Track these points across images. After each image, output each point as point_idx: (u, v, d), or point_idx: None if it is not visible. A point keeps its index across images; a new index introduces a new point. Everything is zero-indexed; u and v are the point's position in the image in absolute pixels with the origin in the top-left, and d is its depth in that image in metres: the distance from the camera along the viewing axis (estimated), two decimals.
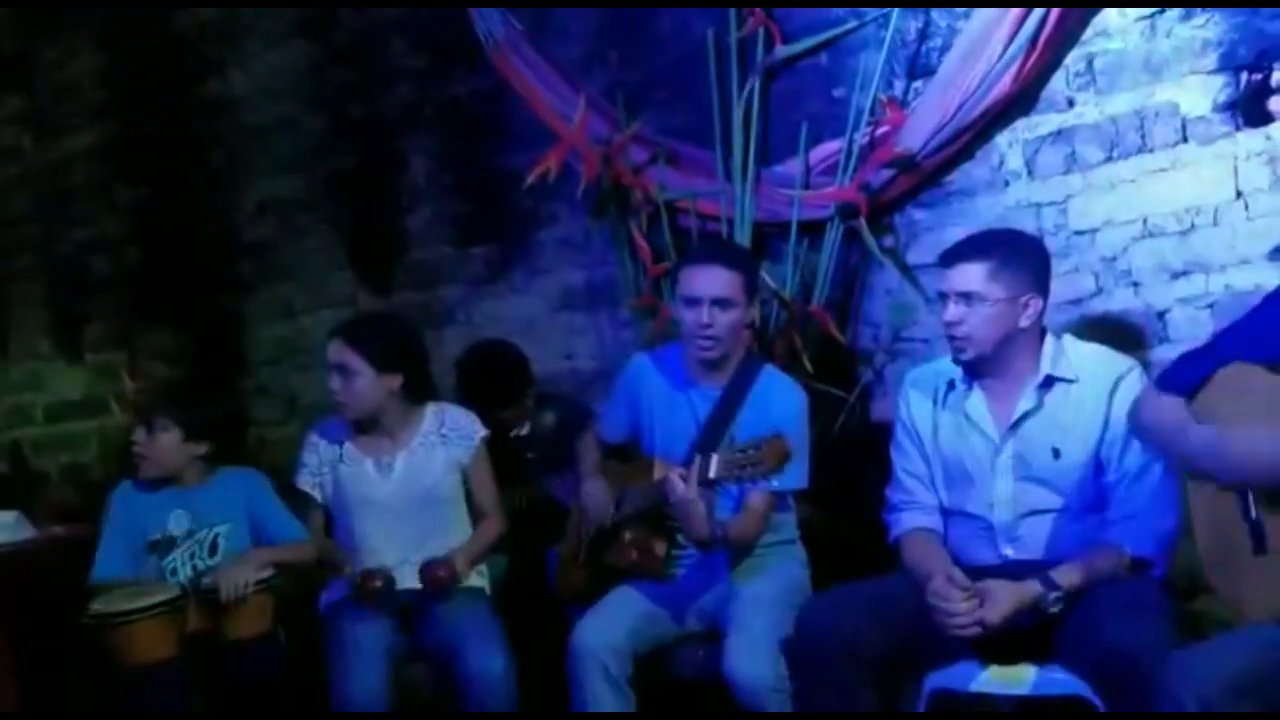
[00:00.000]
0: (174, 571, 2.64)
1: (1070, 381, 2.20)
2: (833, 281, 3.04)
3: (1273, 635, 1.77)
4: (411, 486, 2.68)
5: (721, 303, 2.44)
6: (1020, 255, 2.22)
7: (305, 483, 2.73)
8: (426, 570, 2.58)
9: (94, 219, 4.68)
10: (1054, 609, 2.05)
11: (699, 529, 2.35)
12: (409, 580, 2.61)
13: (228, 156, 4.30)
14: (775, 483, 2.27)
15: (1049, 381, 2.21)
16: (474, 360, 3.17)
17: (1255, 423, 1.83)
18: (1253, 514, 1.85)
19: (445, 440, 2.72)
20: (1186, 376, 1.98)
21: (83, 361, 4.74)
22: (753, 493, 2.40)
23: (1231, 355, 1.93)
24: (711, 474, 2.26)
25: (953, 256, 2.23)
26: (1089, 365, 2.21)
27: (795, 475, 2.37)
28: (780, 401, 2.48)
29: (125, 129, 4.54)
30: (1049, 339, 2.24)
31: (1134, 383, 2.17)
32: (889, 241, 3.02)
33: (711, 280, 2.44)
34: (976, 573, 2.17)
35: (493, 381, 3.10)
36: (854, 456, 2.86)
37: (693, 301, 2.45)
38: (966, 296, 2.18)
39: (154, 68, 4.42)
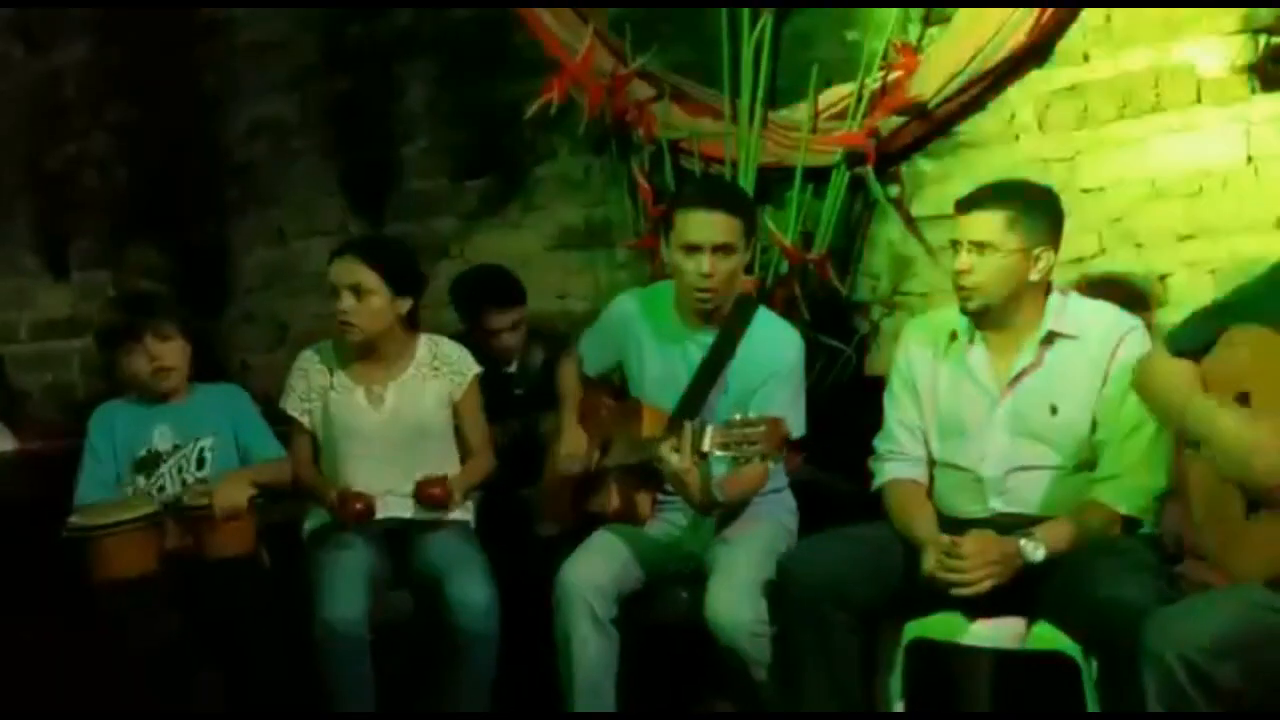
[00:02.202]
0: (162, 488, 2.60)
1: (1072, 338, 2.18)
2: (835, 230, 3.00)
3: (1260, 597, 1.77)
4: (401, 418, 2.64)
5: (724, 249, 2.35)
6: (1038, 207, 2.18)
7: (294, 408, 2.68)
8: (422, 487, 2.56)
9: (84, 134, 4.58)
10: (1035, 557, 2.04)
11: (696, 496, 2.30)
12: (395, 510, 2.59)
13: (221, 76, 4.20)
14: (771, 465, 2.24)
15: (1051, 337, 2.19)
16: (469, 273, 3.24)
17: (1260, 386, 1.82)
18: None
19: (437, 373, 2.68)
20: (1194, 337, 1.96)
21: (69, 279, 4.67)
22: None
23: (1240, 315, 1.91)
24: (705, 447, 2.18)
25: (970, 203, 2.19)
26: (1092, 322, 2.19)
27: (792, 423, 2.31)
28: (776, 345, 2.43)
29: (118, 44, 4.42)
30: (1055, 294, 2.22)
31: (1136, 342, 2.15)
32: (894, 191, 2.98)
33: (713, 226, 2.34)
34: (963, 524, 2.17)
35: (489, 284, 3.12)
36: (847, 409, 2.83)
37: (693, 249, 2.35)
38: (980, 245, 2.14)
39: None
